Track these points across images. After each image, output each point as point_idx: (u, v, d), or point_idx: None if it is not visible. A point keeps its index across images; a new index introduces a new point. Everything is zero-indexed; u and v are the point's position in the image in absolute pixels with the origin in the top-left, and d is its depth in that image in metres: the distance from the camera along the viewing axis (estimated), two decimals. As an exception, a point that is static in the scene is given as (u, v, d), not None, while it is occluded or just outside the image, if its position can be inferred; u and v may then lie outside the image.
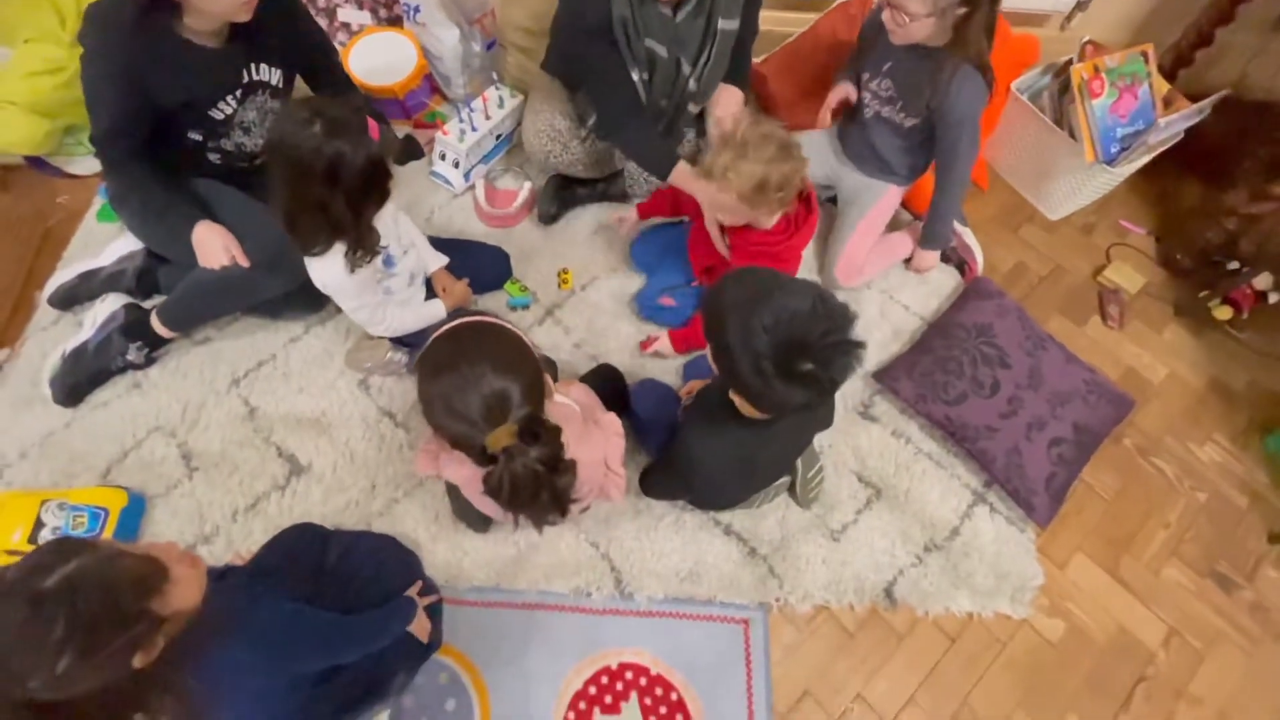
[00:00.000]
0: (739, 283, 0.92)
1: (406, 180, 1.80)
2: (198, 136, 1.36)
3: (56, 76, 1.68)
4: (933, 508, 1.45)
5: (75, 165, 1.81)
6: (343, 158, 1.07)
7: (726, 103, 1.57)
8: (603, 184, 1.79)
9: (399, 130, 1.85)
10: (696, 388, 1.43)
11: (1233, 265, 1.73)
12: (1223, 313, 1.73)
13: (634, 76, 1.43)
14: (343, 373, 1.55)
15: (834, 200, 1.78)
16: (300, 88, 1.51)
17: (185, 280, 1.43)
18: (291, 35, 1.39)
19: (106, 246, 1.58)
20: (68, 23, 1.73)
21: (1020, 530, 1.43)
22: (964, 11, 1.27)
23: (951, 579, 1.38)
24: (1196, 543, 1.49)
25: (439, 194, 1.82)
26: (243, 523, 1.38)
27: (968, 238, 1.72)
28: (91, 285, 1.54)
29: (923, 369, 1.52)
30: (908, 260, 1.73)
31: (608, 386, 1.42)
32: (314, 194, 1.10)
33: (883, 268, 1.71)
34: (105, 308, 1.49)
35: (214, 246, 1.35)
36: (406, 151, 1.80)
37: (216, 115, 1.34)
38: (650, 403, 1.42)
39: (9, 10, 1.75)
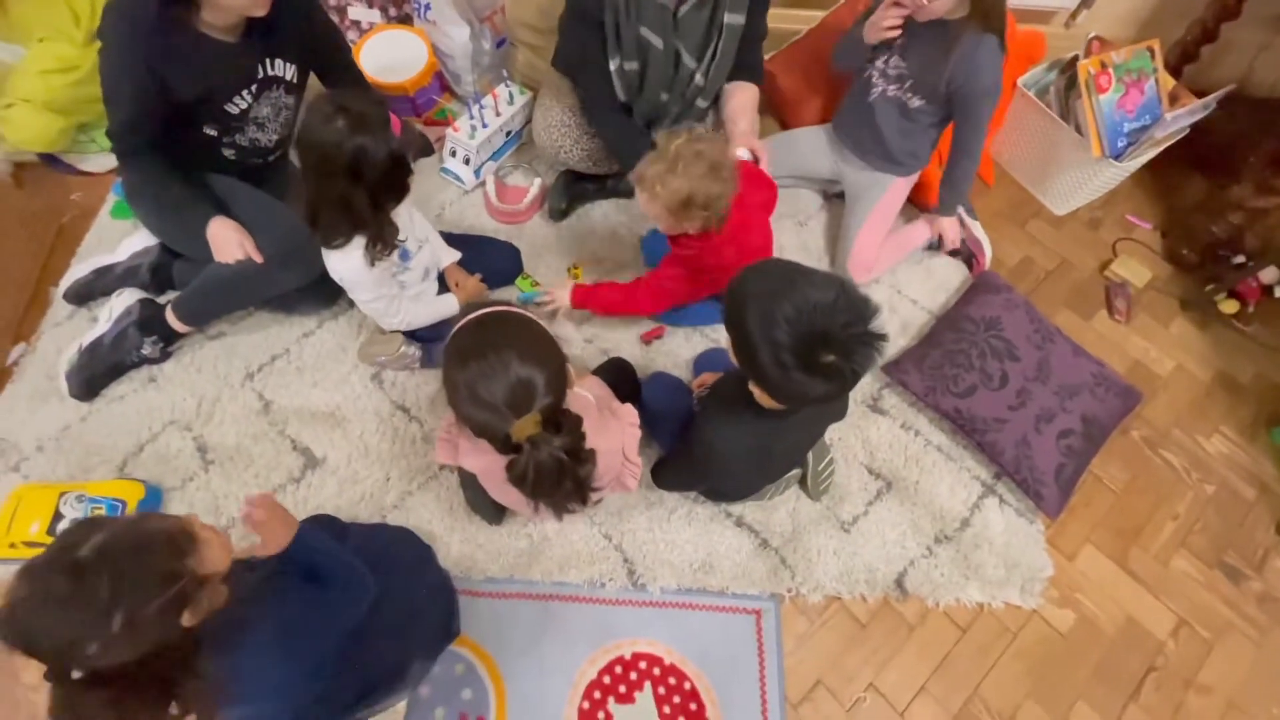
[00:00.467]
0: (760, 274, 0.92)
1: (417, 177, 1.79)
2: (213, 131, 1.38)
3: (70, 75, 1.70)
4: (942, 499, 1.46)
5: (89, 162, 1.82)
6: (365, 152, 1.09)
7: (740, 101, 1.56)
8: (612, 179, 1.80)
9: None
10: (709, 380, 1.43)
11: (1238, 259, 1.75)
12: (1229, 306, 1.74)
13: (617, 65, 1.44)
14: (356, 367, 1.56)
15: (841, 196, 1.79)
16: (313, 85, 1.52)
17: (200, 275, 1.44)
18: (306, 30, 1.40)
19: (121, 242, 1.59)
20: (82, 21, 1.74)
21: (1030, 522, 1.44)
22: None
23: (962, 570, 1.39)
24: (1205, 534, 1.50)
25: (450, 190, 1.83)
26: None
27: (977, 231, 1.73)
28: (106, 280, 1.55)
29: (932, 362, 1.53)
30: (934, 246, 1.75)
31: (620, 379, 1.43)
32: (337, 188, 1.11)
33: (894, 262, 1.71)
34: (120, 302, 1.50)
35: (229, 241, 1.36)
36: (420, 148, 1.81)
37: (232, 110, 1.35)
38: (662, 395, 1.43)
39: (23, 9, 1.76)
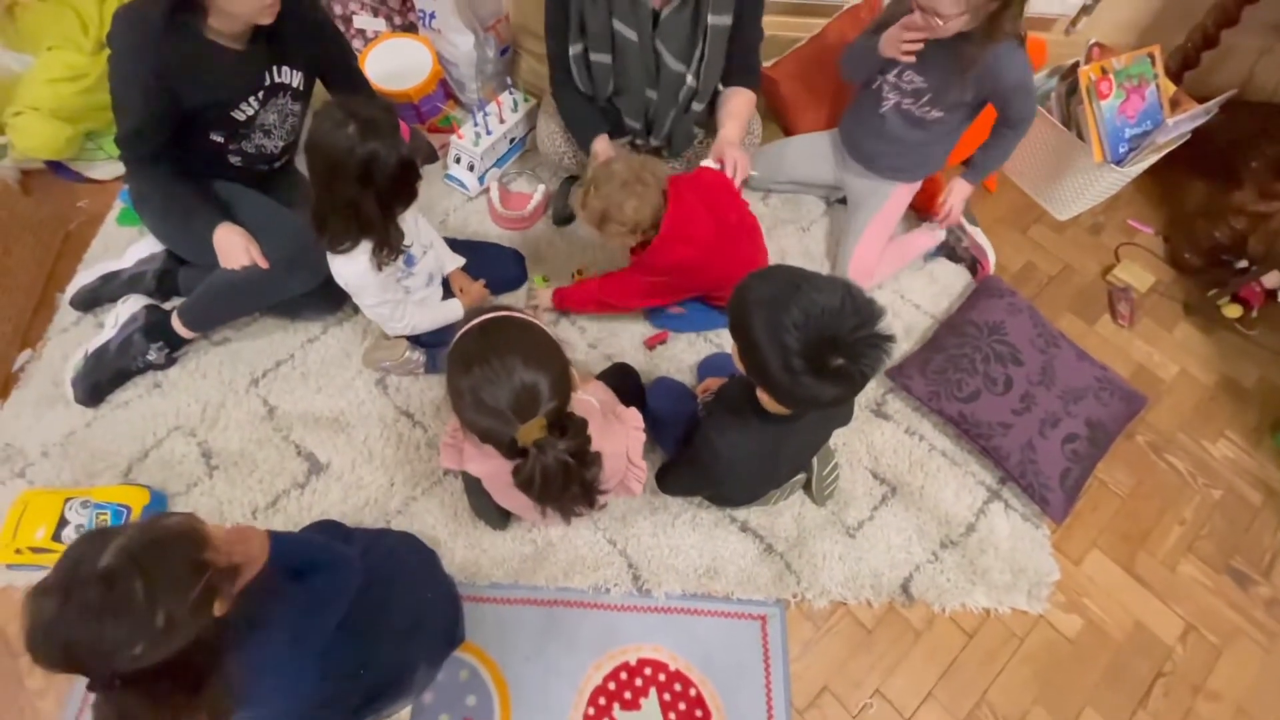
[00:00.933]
0: (765, 280, 0.92)
1: (422, 183, 1.82)
2: (219, 138, 1.39)
3: (78, 83, 1.71)
4: (948, 504, 1.46)
5: (96, 170, 1.83)
6: (377, 158, 1.10)
7: (731, 107, 1.55)
8: (615, 186, 1.81)
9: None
10: (713, 385, 1.43)
11: (1241, 264, 1.75)
12: (1232, 311, 1.74)
13: (579, 51, 1.46)
14: (360, 372, 1.56)
15: (844, 201, 1.80)
16: (319, 92, 1.53)
17: (205, 281, 1.44)
18: (313, 38, 1.41)
19: (127, 249, 1.60)
20: (90, 30, 1.76)
21: (1035, 526, 1.44)
22: (995, 6, 1.27)
23: (968, 575, 1.38)
24: (1212, 539, 1.49)
25: (454, 197, 1.84)
26: (263, 521, 1.38)
27: (979, 237, 1.73)
28: (112, 287, 1.56)
29: (935, 366, 1.53)
30: (935, 254, 1.76)
31: (624, 384, 1.43)
32: (347, 193, 1.12)
33: (896, 268, 1.72)
34: (126, 309, 1.50)
35: (235, 247, 1.37)
36: (425, 155, 1.82)
37: (238, 116, 1.36)
38: (666, 401, 1.43)
39: (32, 18, 1.77)
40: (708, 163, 1.45)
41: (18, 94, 1.71)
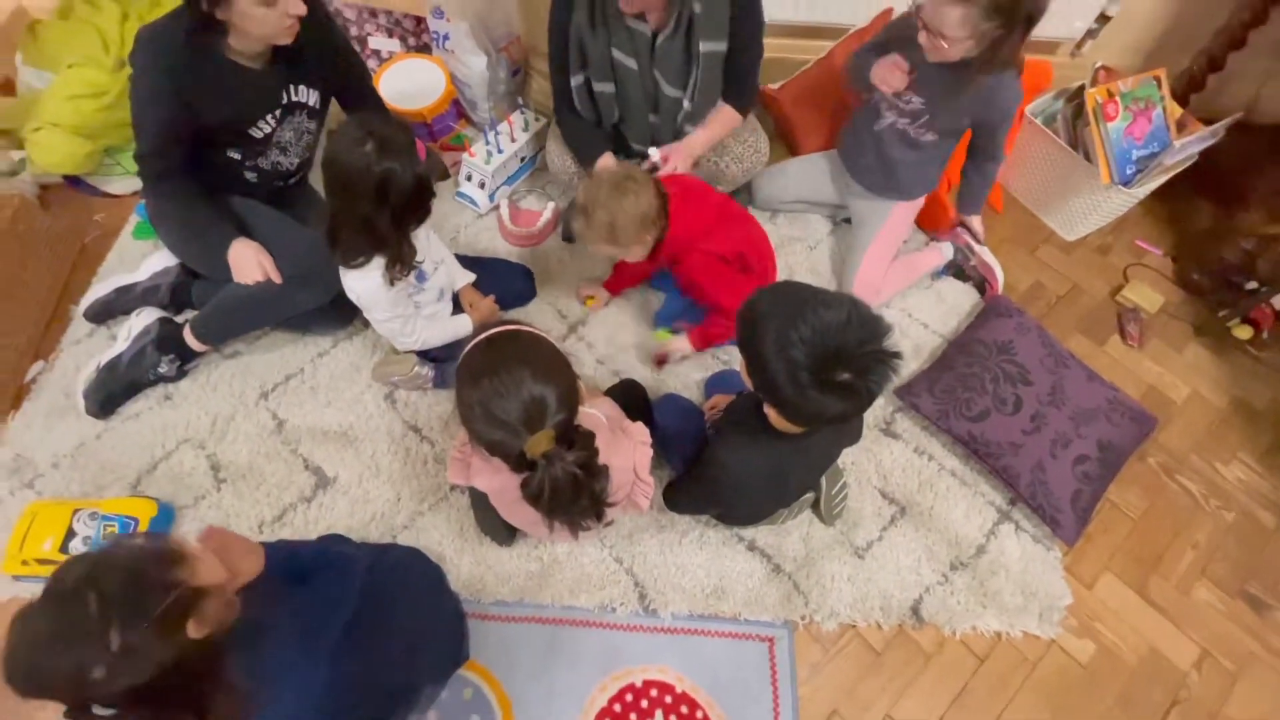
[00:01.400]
0: (772, 296, 0.93)
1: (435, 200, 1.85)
2: (236, 155, 1.41)
3: (99, 100, 1.74)
4: (957, 525, 1.44)
5: (112, 185, 1.86)
6: (393, 176, 1.11)
7: (713, 118, 1.55)
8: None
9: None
10: (721, 403, 1.43)
11: (1251, 285, 1.74)
12: (1243, 332, 1.73)
13: (580, 81, 1.49)
14: (369, 386, 1.57)
15: (849, 220, 1.81)
16: (334, 110, 1.56)
17: (219, 295, 1.46)
18: (330, 59, 1.44)
19: (142, 262, 1.62)
20: (111, 48, 1.80)
21: (1047, 549, 1.42)
22: (1000, 33, 1.27)
23: (979, 598, 1.37)
24: (1226, 562, 1.47)
25: (464, 214, 1.86)
26: (270, 534, 1.38)
27: (987, 255, 1.73)
28: (126, 299, 1.58)
29: (944, 386, 1.53)
30: (943, 272, 1.77)
31: (631, 400, 1.43)
32: (362, 209, 1.14)
33: (903, 286, 1.72)
34: (139, 321, 1.52)
35: (249, 262, 1.38)
36: (438, 172, 1.84)
37: (256, 134, 1.38)
38: (674, 417, 1.43)
39: (54, 35, 1.82)
40: (651, 151, 1.51)
41: (38, 110, 1.74)
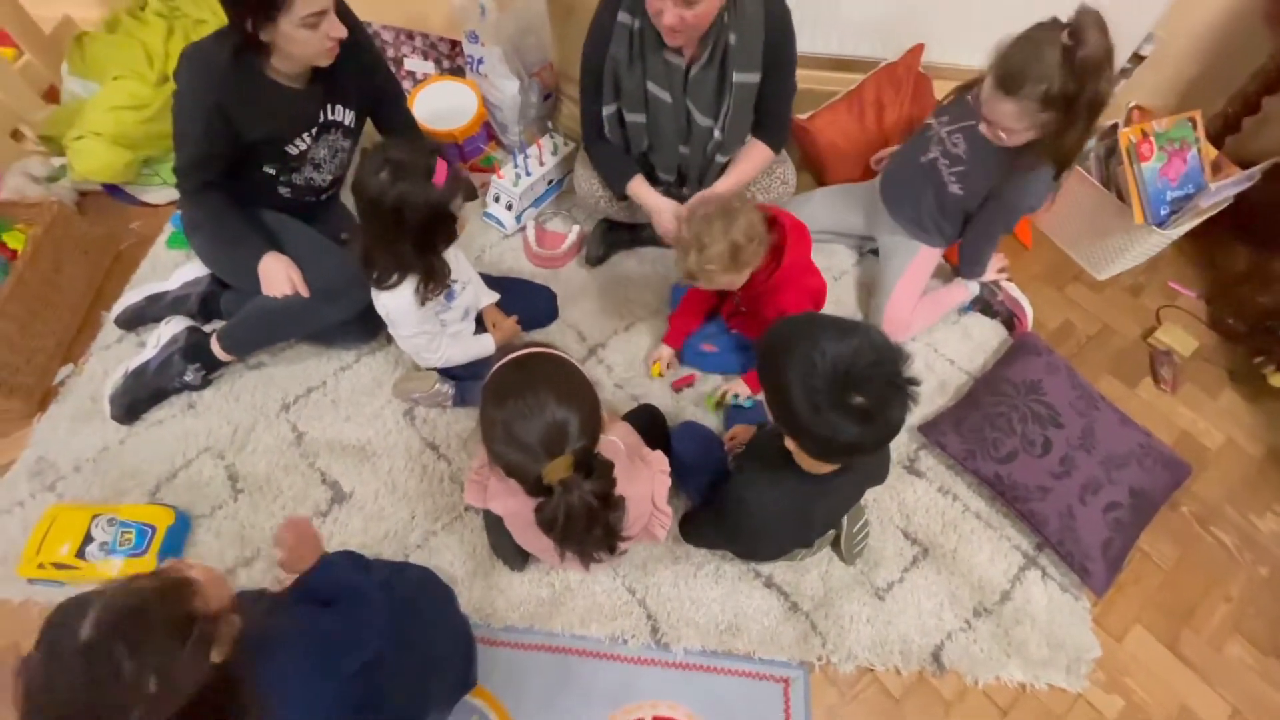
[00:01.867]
0: (790, 324, 0.94)
1: (464, 222, 1.86)
2: (272, 170, 1.43)
3: (141, 112, 1.79)
4: (981, 569, 1.40)
5: (150, 194, 1.90)
6: (405, 201, 1.14)
7: (743, 157, 1.55)
8: (648, 229, 1.82)
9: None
10: (741, 434, 1.41)
11: (1288, 332, 1.70)
12: (1278, 380, 1.68)
13: (612, 111, 1.50)
14: (389, 402, 1.57)
15: (875, 253, 1.80)
16: (369, 130, 1.58)
17: (247, 306, 1.48)
18: (367, 80, 1.47)
19: (174, 271, 1.65)
20: (155, 62, 1.85)
21: (1075, 598, 1.38)
22: (1062, 122, 1.26)
23: (1003, 646, 1.32)
24: (1260, 618, 1.41)
25: (490, 234, 1.87)
26: (283, 548, 1.38)
27: (1014, 291, 1.71)
28: (157, 307, 1.60)
29: (971, 424, 1.50)
30: (970, 308, 1.75)
31: (649, 426, 1.42)
32: (384, 233, 1.17)
33: (931, 322, 1.70)
34: (168, 329, 1.54)
35: (278, 276, 1.40)
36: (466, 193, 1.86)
37: (292, 151, 1.41)
38: (692, 445, 1.41)
39: (101, 48, 1.88)
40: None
41: (81, 119, 1.79)
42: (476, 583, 1.36)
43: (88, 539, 1.32)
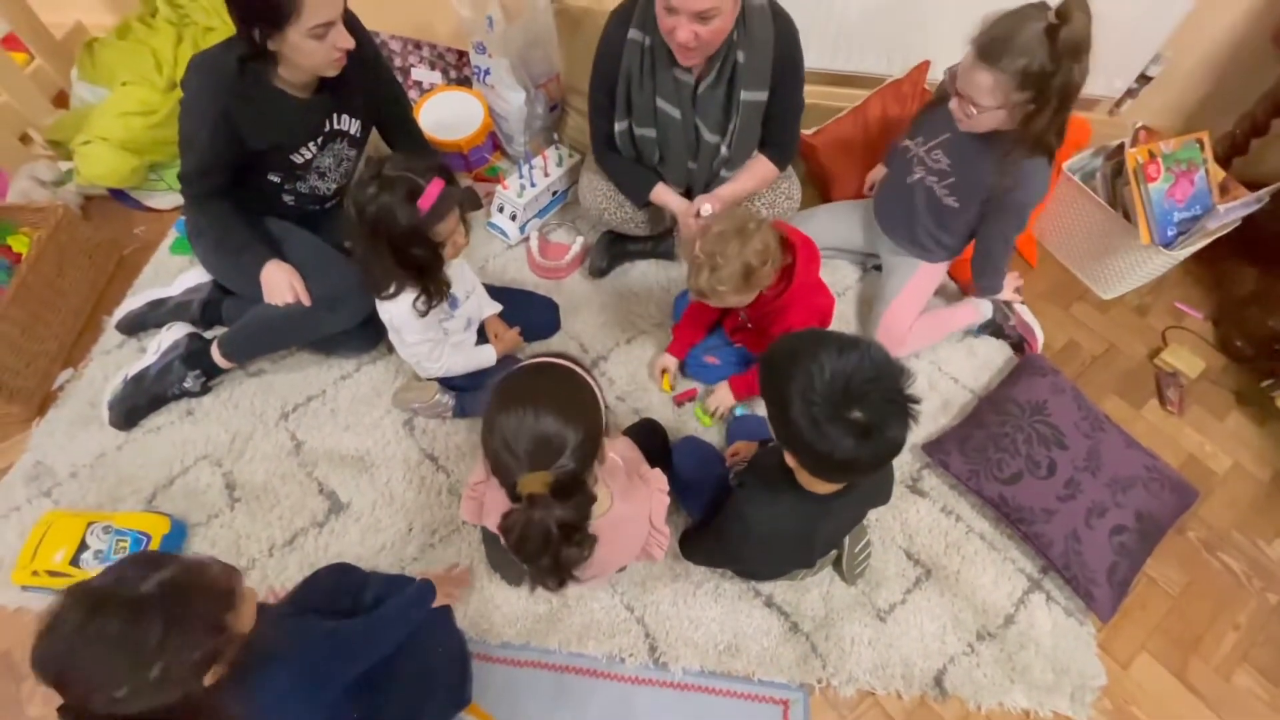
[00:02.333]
0: (792, 340, 0.93)
1: (470, 234, 1.86)
2: (276, 178, 1.43)
3: (149, 118, 1.80)
4: (985, 592, 1.38)
5: (155, 199, 1.91)
6: (382, 218, 1.14)
7: (747, 168, 1.55)
8: (652, 242, 1.83)
9: (460, 182, 1.93)
10: (743, 450, 1.40)
11: (1297, 355, 1.68)
12: (1287, 404, 1.67)
13: (624, 127, 1.50)
14: (389, 412, 1.56)
15: (879, 268, 1.79)
16: (375, 141, 1.59)
17: (249, 313, 1.47)
18: (373, 90, 1.47)
19: (177, 277, 1.65)
20: (164, 69, 1.86)
21: (1080, 623, 1.35)
22: (1032, 108, 1.25)
23: (1006, 671, 1.30)
24: (1269, 647, 1.39)
25: (494, 244, 1.87)
26: (279, 558, 1.37)
27: (1026, 315, 1.70)
28: (159, 313, 1.60)
29: (975, 444, 1.48)
30: (978, 331, 1.74)
31: (650, 441, 1.41)
32: (368, 244, 1.18)
33: (933, 340, 1.68)
34: (169, 335, 1.53)
35: (280, 284, 1.39)
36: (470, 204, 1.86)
37: (297, 159, 1.41)
38: (693, 462, 1.40)
39: (111, 54, 1.89)
40: (704, 207, 1.49)
41: (89, 124, 1.80)
42: (472, 597, 1.34)
43: (83, 546, 1.30)
